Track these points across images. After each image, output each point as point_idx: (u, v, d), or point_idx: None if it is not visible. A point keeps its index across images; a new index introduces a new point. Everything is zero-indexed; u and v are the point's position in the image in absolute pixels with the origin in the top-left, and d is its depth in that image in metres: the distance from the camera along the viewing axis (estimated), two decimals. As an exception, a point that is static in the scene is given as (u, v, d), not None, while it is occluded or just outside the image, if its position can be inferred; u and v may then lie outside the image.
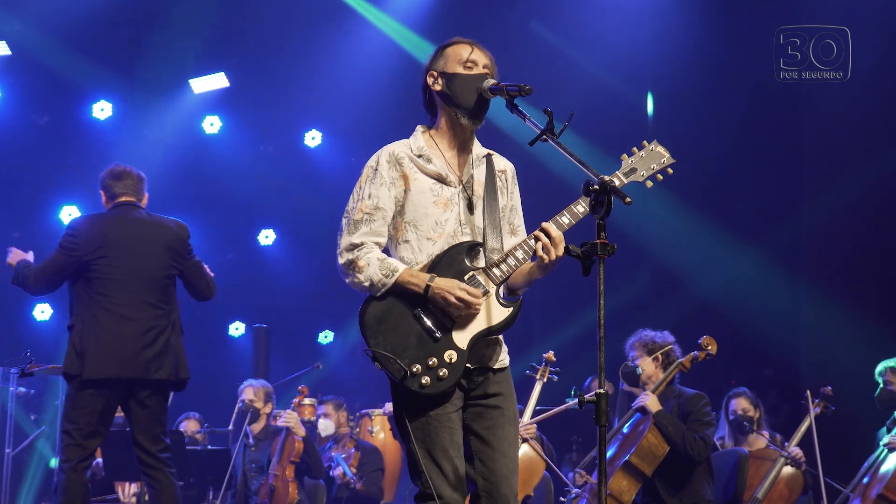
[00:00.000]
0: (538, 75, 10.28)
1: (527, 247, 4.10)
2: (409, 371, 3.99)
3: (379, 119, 11.16)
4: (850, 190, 9.93)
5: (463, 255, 4.11)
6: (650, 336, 7.49)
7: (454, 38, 4.31)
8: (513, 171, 4.42)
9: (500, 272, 4.10)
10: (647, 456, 7.05)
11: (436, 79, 4.25)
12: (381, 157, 4.22)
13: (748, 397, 8.38)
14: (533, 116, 4.03)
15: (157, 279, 6.62)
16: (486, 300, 4.09)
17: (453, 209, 4.18)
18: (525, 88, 4.00)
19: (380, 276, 4.05)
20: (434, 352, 4.02)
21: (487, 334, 4.09)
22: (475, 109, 4.17)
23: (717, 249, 10.81)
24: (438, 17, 11.27)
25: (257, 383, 9.23)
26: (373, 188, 4.17)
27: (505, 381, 4.22)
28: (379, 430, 9.56)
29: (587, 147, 10.31)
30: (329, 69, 11.63)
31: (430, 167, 4.19)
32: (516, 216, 4.40)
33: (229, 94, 11.76)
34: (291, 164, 12.15)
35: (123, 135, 11.38)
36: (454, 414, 4.09)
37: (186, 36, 11.14)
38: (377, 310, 4.08)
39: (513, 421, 4.19)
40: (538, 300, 11.04)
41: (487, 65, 4.23)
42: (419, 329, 4.04)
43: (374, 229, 4.15)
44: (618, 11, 10.99)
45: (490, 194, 4.25)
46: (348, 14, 11.47)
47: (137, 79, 11.38)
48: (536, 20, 11.37)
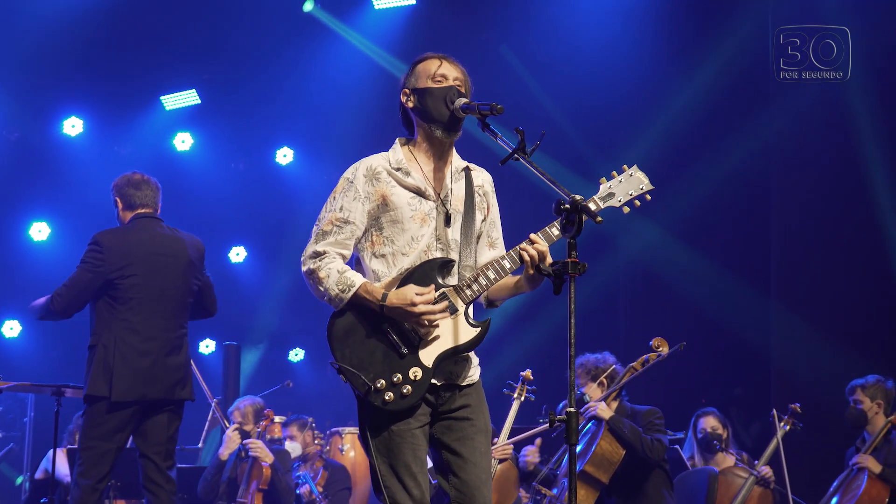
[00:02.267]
0: (510, 93, 10.36)
1: (498, 266, 4.09)
2: (373, 386, 3.99)
3: (351, 136, 11.14)
4: (820, 210, 9.97)
5: (435, 272, 4.11)
6: (591, 362, 7.50)
7: (424, 54, 4.31)
8: (491, 184, 4.42)
9: (470, 291, 4.10)
10: (603, 463, 7.06)
11: (408, 96, 4.24)
12: (359, 170, 4.21)
13: (716, 416, 8.41)
14: (507, 137, 4.02)
15: (183, 298, 6.58)
16: (455, 319, 4.08)
17: (430, 224, 4.16)
18: (497, 108, 3.98)
19: (336, 290, 4.04)
20: (399, 368, 4.02)
21: (454, 353, 4.09)
22: (449, 122, 4.17)
23: (687, 268, 10.83)
24: (410, 35, 11.27)
25: (243, 404, 9.00)
26: (346, 201, 4.16)
27: (475, 393, 4.20)
28: (350, 448, 9.52)
29: (563, 168, 10.34)
30: (301, 86, 11.62)
31: (409, 180, 4.18)
32: (494, 229, 4.39)
33: (200, 111, 11.74)
34: (263, 180, 12.13)
35: (94, 151, 11.32)
36: (418, 430, 4.07)
37: (157, 52, 11.10)
38: (346, 322, 4.07)
39: (483, 431, 4.19)
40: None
41: (458, 77, 4.23)
42: (386, 344, 4.04)
43: (340, 241, 4.14)
44: (592, 28, 11.01)
45: (468, 210, 4.24)
46: (320, 30, 11.46)
47: (109, 95, 11.33)
48: (507, 42, 11.37)
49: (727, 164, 10.42)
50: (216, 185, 11.91)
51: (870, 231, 9.69)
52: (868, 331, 9.63)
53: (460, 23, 11.26)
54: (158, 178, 7.03)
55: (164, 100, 11.59)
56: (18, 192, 11.17)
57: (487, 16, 11.40)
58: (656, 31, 10.83)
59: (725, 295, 10.59)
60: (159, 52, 11.11)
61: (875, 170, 9.67)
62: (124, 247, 6.47)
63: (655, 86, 10.80)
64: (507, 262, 4.09)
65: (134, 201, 6.68)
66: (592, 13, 10.93)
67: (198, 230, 11.71)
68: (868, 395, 7.67)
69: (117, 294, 6.40)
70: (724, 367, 10.59)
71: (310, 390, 12.00)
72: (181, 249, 6.62)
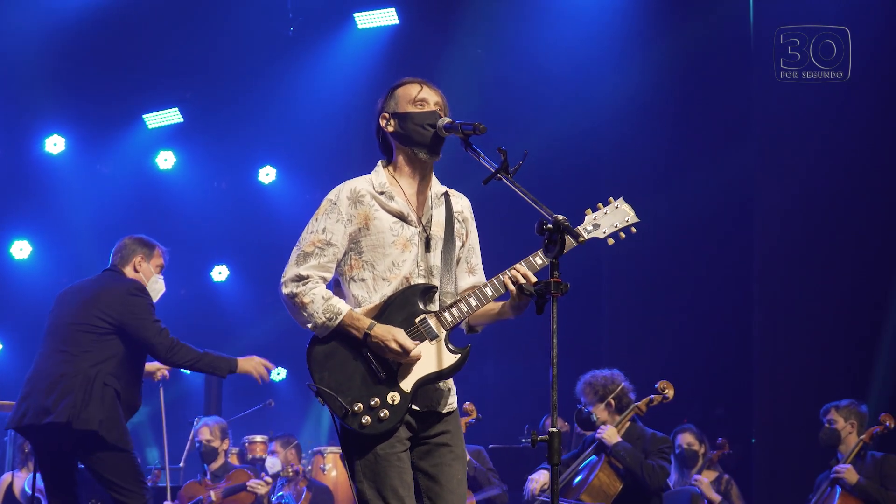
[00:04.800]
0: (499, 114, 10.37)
1: (480, 294, 4.08)
2: (350, 409, 3.98)
3: (335, 155, 11.17)
4: (801, 228, 9.97)
5: (417, 298, 4.09)
6: (600, 381, 7.38)
7: (403, 79, 4.29)
8: (470, 210, 4.41)
9: (451, 317, 4.08)
10: (599, 495, 7.04)
11: (388, 120, 4.23)
12: (343, 192, 4.19)
13: (693, 432, 8.59)
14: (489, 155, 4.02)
15: (71, 329, 6.55)
16: (436, 344, 4.06)
17: (412, 250, 4.15)
18: (479, 127, 3.97)
19: (323, 318, 4.03)
20: (377, 392, 4.00)
21: (435, 379, 4.07)
22: (432, 145, 4.16)
23: (670, 289, 10.86)
24: (393, 54, 11.29)
25: (212, 421, 9.18)
26: (328, 223, 4.14)
27: (453, 421, 4.20)
28: (332, 467, 9.50)
29: (547, 188, 10.34)
30: (284, 104, 11.64)
31: (393, 205, 4.16)
32: (473, 255, 4.37)
33: (183, 130, 11.73)
34: (245, 199, 12.13)
35: (76, 169, 11.32)
36: (403, 454, 4.06)
37: (140, 70, 11.11)
38: (326, 346, 4.06)
39: (461, 459, 4.18)
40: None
41: (438, 102, 4.21)
42: (365, 368, 4.03)
43: (323, 264, 4.12)
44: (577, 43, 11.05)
45: (448, 236, 4.23)
46: (303, 49, 11.48)
47: (91, 113, 11.33)
48: (491, 60, 11.41)
49: (708, 182, 10.45)
50: (199, 203, 11.91)
51: (857, 248, 9.67)
52: (848, 351, 9.64)
53: (444, 41, 11.29)
54: (140, 196, 7.04)
55: (147, 118, 11.60)
56: (0, 209, 11.15)
57: (471, 35, 11.42)
58: (638, 41, 10.87)
59: (707, 315, 10.62)
60: (142, 69, 11.13)
61: (872, 179, 9.64)
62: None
63: (642, 98, 10.85)
64: (489, 290, 4.08)
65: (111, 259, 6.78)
66: (579, 28, 10.97)
67: (180, 249, 11.74)
68: (842, 415, 7.72)
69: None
70: (706, 387, 10.60)
71: (292, 410, 11.97)
72: (88, 288, 6.57)
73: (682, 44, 10.59)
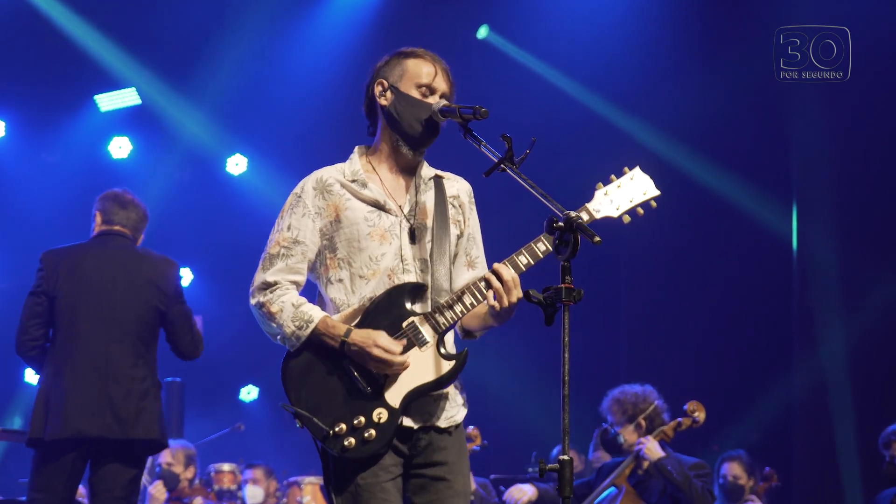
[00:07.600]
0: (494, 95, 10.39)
1: (476, 290, 4.01)
2: (332, 431, 3.92)
3: (314, 142, 11.13)
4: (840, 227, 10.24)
5: (403, 299, 4.02)
6: (630, 398, 7.33)
7: (419, 50, 4.22)
8: (469, 194, 4.33)
9: (444, 319, 4.01)
10: (621, 529, 7.03)
11: (385, 90, 4.18)
12: (308, 183, 4.17)
13: (742, 463, 8.36)
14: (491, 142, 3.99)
15: (134, 323, 6.53)
16: (426, 351, 3.99)
17: (392, 241, 4.08)
18: (480, 111, 3.93)
19: (292, 327, 3.98)
20: (361, 409, 3.95)
21: (428, 390, 3.99)
22: (418, 140, 4.12)
23: (698, 295, 10.89)
24: (379, 28, 11.29)
25: (177, 444, 9.10)
26: (293, 219, 4.12)
27: (453, 446, 4.10)
28: (310, 500, 9.48)
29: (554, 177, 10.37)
30: (257, 84, 11.60)
31: (366, 192, 4.11)
32: (474, 246, 4.30)
33: (141, 113, 11.70)
34: (212, 193, 12.09)
35: (18, 158, 11.29)
36: (388, 483, 3.99)
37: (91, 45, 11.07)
38: (302, 361, 4.02)
39: (462, 494, 4.08)
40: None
41: (446, 93, 4.15)
42: (347, 384, 3.97)
43: (291, 266, 4.08)
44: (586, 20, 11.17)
45: (440, 224, 4.15)
46: (278, 21, 11.45)
47: (36, 94, 11.29)
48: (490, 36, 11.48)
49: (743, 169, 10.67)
50: (158, 197, 11.83)
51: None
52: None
53: (437, 15, 11.28)
54: (92, 188, 7.00)
55: (99, 99, 11.55)
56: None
57: (466, 8, 11.45)
58: (652, 25, 11.07)
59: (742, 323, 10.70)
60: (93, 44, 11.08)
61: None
62: (63, 264, 6.39)
63: (652, 80, 11.04)
64: (483, 286, 3.99)
65: (113, 219, 6.64)
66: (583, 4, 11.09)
67: (136, 249, 11.75)
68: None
69: (56, 318, 6.33)
70: (738, 409, 10.62)
71: (265, 434, 11.93)
72: (136, 268, 6.50)
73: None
